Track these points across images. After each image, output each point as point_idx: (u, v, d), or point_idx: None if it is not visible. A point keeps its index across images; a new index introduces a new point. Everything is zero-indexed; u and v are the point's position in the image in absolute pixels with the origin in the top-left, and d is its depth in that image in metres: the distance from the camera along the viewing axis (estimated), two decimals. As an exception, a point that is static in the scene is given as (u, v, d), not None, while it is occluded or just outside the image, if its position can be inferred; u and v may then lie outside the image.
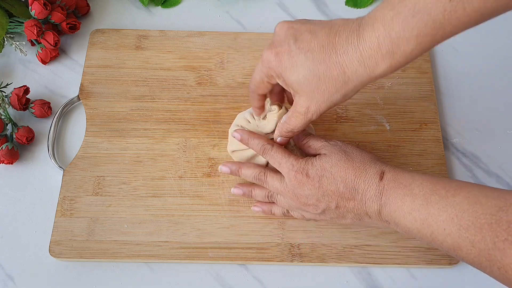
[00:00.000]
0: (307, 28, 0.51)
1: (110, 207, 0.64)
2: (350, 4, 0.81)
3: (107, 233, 0.63)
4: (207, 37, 0.77)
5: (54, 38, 0.73)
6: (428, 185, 0.49)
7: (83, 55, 0.75)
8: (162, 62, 0.75)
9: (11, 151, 0.67)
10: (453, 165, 0.69)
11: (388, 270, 0.62)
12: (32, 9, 0.72)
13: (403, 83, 0.73)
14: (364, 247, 0.62)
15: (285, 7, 0.81)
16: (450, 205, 0.47)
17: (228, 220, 0.64)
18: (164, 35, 0.77)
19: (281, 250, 0.62)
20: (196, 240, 0.62)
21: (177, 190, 0.65)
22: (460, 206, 0.46)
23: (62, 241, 0.62)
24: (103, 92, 0.72)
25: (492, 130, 0.71)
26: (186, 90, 0.72)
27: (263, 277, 0.62)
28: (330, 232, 0.63)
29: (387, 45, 0.47)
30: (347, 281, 0.62)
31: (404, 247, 0.62)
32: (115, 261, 0.62)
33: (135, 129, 0.69)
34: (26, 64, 0.76)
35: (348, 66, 0.49)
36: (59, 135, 0.70)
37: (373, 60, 0.48)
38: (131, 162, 0.67)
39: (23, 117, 0.72)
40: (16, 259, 0.63)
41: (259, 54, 0.75)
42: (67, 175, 0.66)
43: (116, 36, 0.76)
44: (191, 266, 0.62)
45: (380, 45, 0.47)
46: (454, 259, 0.62)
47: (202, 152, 0.68)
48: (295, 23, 0.53)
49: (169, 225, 0.63)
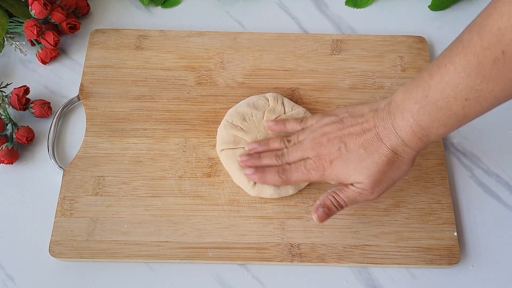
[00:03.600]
0: (349, 132, 0.57)
1: (110, 207, 0.64)
2: (350, 4, 0.81)
3: (107, 233, 0.63)
4: (207, 37, 0.77)
5: (54, 38, 0.73)
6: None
7: (83, 55, 0.75)
8: (162, 62, 0.75)
9: (11, 151, 0.67)
10: (453, 165, 0.69)
11: (388, 270, 0.62)
12: (32, 9, 0.72)
13: (403, 83, 0.73)
14: (364, 247, 0.62)
15: (285, 7, 0.81)
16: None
17: (228, 220, 0.64)
18: (164, 35, 0.77)
19: (281, 250, 0.62)
20: (196, 240, 0.62)
21: (177, 190, 0.65)
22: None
23: (62, 241, 0.62)
24: (103, 92, 0.72)
25: (492, 130, 0.71)
26: (186, 90, 0.72)
27: (263, 277, 0.62)
28: (330, 232, 0.63)
29: (420, 132, 0.53)
30: (347, 281, 0.62)
31: (404, 247, 0.62)
32: (115, 261, 0.62)
33: (135, 129, 0.69)
34: (26, 64, 0.76)
35: (397, 149, 0.55)
36: (59, 135, 0.70)
37: (413, 142, 0.54)
38: (131, 162, 0.67)
39: (23, 117, 0.72)
40: (16, 259, 0.63)
41: (259, 54, 0.75)
42: (67, 175, 0.66)
43: (116, 36, 0.76)
44: (191, 266, 0.62)
45: (414, 132, 0.53)
46: (454, 259, 0.62)
47: (202, 152, 0.68)
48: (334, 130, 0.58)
49: (169, 225, 0.63)
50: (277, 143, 0.64)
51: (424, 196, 0.66)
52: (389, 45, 0.76)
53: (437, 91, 0.50)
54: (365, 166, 0.56)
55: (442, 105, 0.50)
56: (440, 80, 0.50)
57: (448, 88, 0.49)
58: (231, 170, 0.65)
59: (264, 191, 0.64)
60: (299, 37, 0.77)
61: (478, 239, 0.64)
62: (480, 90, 0.48)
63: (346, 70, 0.74)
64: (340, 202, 0.58)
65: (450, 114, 0.51)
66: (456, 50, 0.49)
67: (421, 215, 0.64)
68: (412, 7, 0.81)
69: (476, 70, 0.47)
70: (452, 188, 0.67)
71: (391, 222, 0.64)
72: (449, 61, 0.49)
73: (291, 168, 0.60)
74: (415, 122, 0.53)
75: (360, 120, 0.57)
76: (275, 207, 0.65)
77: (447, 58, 0.50)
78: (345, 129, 0.58)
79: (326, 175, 0.58)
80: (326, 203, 0.58)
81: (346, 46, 0.76)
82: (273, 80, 0.73)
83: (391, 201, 0.65)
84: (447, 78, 0.49)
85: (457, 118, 0.51)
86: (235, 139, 0.66)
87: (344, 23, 0.80)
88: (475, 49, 0.47)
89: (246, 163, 0.63)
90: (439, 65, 0.50)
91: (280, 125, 0.66)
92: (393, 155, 0.55)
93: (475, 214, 0.66)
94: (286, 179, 0.61)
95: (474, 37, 0.47)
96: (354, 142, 0.56)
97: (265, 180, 0.62)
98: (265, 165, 0.62)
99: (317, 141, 0.59)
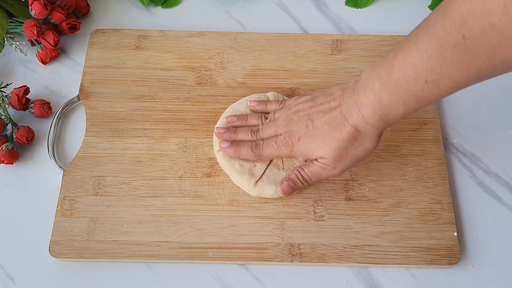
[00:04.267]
0: (317, 110, 0.59)
1: (110, 207, 0.64)
2: (350, 4, 0.81)
3: (107, 233, 0.63)
4: (207, 37, 0.77)
5: (54, 38, 0.73)
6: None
7: (83, 55, 0.75)
8: (162, 62, 0.75)
9: (11, 151, 0.67)
10: (453, 165, 0.69)
11: (388, 270, 0.62)
12: (32, 9, 0.72)
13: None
14: (364, 247, 0.62)
15: (285, 7, 0.81)
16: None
17: (228, 220, 0.64)
18: (164, 35, 0.77)
19: (281, 250, 0.62)
20: (196, 240, 0.62)
21: (177, 190, 0.65)
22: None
23: (62, 241, 0.62)
24: (103, 92, 0.72)
25: (492, 130, 0.71)
26: (186, 90, 0.72)
27: (263, 277, 0.62)
28: (330, 232, 0.63)
29: (380, 110, 0.54)
30: (347, 281, 0.62)
31: (404, 247, 0.62)
32: (115, 261, 0.62)
33: (135, 129, 0.69)
34: (26, 64, 0.76)
35: (359, 126, 0.57)
36: (59, 135, 0.70)
37: (374, 120, 0.56)
38: (131, 162, 0.67)
39: (23, 117, 0.72)
40: (16, 259, 0.63)
41: (259, 54, 0.75)
42: (67, 175, 0.66)
43: (116, 36, 0.76)
44: (191, 266, 0.62)
45: (375, 110, 0.55)
46: (454, 259, 0.62)
47: (202, 152, 0.68)
48: (305, 109, 0.61)
49: (169, 225, 0.63)
50: (255, 119, 0.66)
51: (424, 196, 0.66)
52: (389, 45, 0.76)
53: (399, 71, 0.51)
54: (327, 142, 0.58)
55: (402, 84, 0.51)
56: (402, 60, 0.51)
57: (409, 68, 0.50)
58: (230, 171, 0.65)
59: (265, 191, 0.64)
60: (299, 37, 0.77)
61: (478, 239, 0.64)
62: (440, 73, 0.48)
63: (346, 70, 0.74)
64: (304, 176, 0.62)
65: (409, 94, 0.51)
66: (421, 32, 0.49)
67: (421, 215, 0.64)
68: (412, 7, 0.81)
69: (437, 53, 0.47)
70: (452, 188, 0.67)
71: (391, 222, 0.64)
72: (413, 42, 0.50)
73: (263, 143, 0.63)
74: (376, 99, 0.54)
75: (329, 98, 0.60)
76: (275, 207, 0.65)
77: (412, 39, 0.50)
78: (315, 107, 0.60)
79: (294, 151, 0.61)
80: (291, 177, 0.62)
81: (346, 46, 0.76)
82: (273, 80, 0.73)
83: (391, 201, 0.65)
84: (409, 59, 0.50)
85: (416, 99, 0.52)
86: None
87: (344, 23, 0.80)
88: (438, 32, 0.47)
89: (222, 136, 0.66)
90: (404, 45, 0.51)
91: (262, 105, 0.68)
92: (354, 131, 0.57)
93: (475, 214, 0.66)
94: (258, 154, 0.63)
95: (438, 20, 0.47)
96: (320, 119, 0.59)
97: (239, 153, 0.64)
98: (240, 140, 0.65)
99: (289, 118, 0.62)
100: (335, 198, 0.65)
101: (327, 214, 0.64)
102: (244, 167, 0.64)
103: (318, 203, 0.65)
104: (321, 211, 0.64)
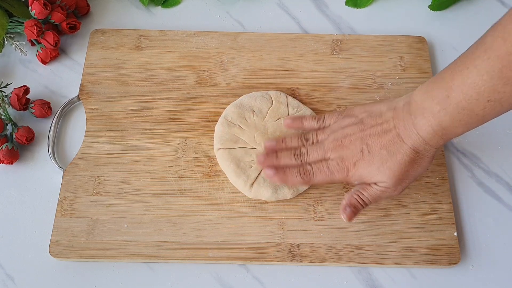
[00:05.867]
0: (370, 133, 0.58)
1: (110, 207, 0.64)
2: (350, 4, 0.81)
3: (107, 233, 0.63)
4: (207, 37, 0.77)
5: (54, 38, 0.73)
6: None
7: (83, 55, 0.75)
8: (162, 62, 0.75)
9: (11, 151, 0.67)
10: (453, 165, 0.69)
11: (388, 270, 0.62)
12: (32, 9, 0.72)
13: (403, 83, 0.73)
14: (364, 247, 0.62)
15: (285, 7, 0.81)
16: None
17: (228, 220, 0.64)
18: (164, 35, 0.77)
19: (281, 250, 0.62)
20: (196, 240, 0.62)
21: (177, 190, 0.65)
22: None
23: (62, 241, 0.62)
24: (103, 92, 0.72)
25: (492, 130, 0.71)
26: (186, 90, 0.72)
27: (263, 277, 0.62)
28: (330, 232, 0.63)
29: (441, 131, 0.54)
30: (347, 281, 0.62)
31: (404, 247, 0.62)
32: (115, 261, 0.62)
33: (135, 129, 0.69)
34: (26, 64, 0.76)
35: (418, 148, 0.56)
36: (59, 135, 0.70)
37: (433, 141, 0.55)
38: (131, 162, 0.67)
39: (23, 117, 0.72)
40: (16, 259, 0.63)
41: (259, 54, 0.75)
42: (67, 175, 0.66)
43: (116, 36, 0.76)
44: (191, 266, 0.62)
45: (435, 132, 0.54)
46: (454, 259, 0.62)
47: (202, 152, 0.68)
48: (356, 132, 0.59)
49: (169, 225, 0.63)
50: (295, 141, 0.63)
51: (424, 196, 0.66)
52: (389, 45, 0.76)
53: (459, 92, 0.51)
54: (388, 166, 0.57)
55: (464, 106, 0.51)
56: (462, 81, 0.51)
57: (470, 90, 0.50)
58: (227, 171, 0.65)
59: (261, 194, 0.64)
60: (299, 37, 0.77)
61: (478, 239, 0.64)
62: (503, 92, 0.49)
63: (346, 70, 0.74)
64: (364, 200, 0.59)
65: (471, 115, 0.52)
66: (478, 52, 0.49)
67: (421, 215, 0.64)
68: (412, 7, 0.81)
69: (500, 73, 0.48)
70: (452, 188, 0.67)
71: (391, 222, 0.64)
72: (471, 63, 0.50)
73: (313, 169, 0.60)
74: (436, 122, 0.53)
75: (379, 120, 0.58)
76: (275, 207, 0.65)
77: (469, 59, 0.50)
78: (366, 130, 0.58)
79: (349, 176, 0.59)
80: (352, 202, 0.59)
81: (346, 46, 0.76)
82: (273, 80, 0.73)
83: (391, 201, 0.65)
84: (469, 81, 0.50)
85: (477, 118, 0.52)
86: (233, 137, 0.66)
87: (344, 23, 0.80)
88: (499, 52, 0.47)
89: (265, 163, 0.62)
90: (460, 66, 0.51)
91: (297, 122, 0.65)
92: (414, 154, 0.56)
93: (475, 214, 0.66)
94: (308, 180, 0.60)
95: (497, 40, 0.47)
96: (376, 143, 0.57)
97: (286, 181, 0.60)
98: (283, 165, 0.61)
99: (339, 142, 0.59)
100: (335, 198, 0.65)
101: (327, 214, 0.64)
102: (241, 167, 0.64)
103: (318, 203, 0.65)
104: (321, 211, 0.64)
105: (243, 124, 0.67)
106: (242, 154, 0.65)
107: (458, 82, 0.51)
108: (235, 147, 0.66)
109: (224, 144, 0.66)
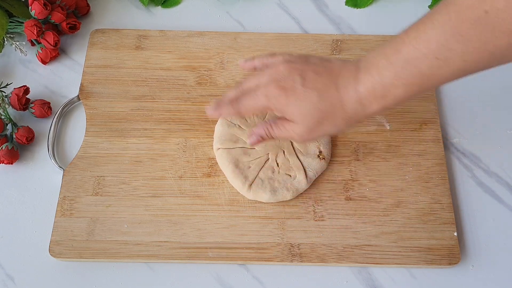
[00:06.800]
0: (312, 69, 0.55)
1: (110, 207, 0.64)
2: (350, 4, 0.81)
3: (107, 233, 0.63)
4: (207, 37, 0.77)
5: (54, 38, 0.73)
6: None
7: (83, 55, 0.75)
8: (162, 62, 0.75)
9: (11, 151, 0.67)
10: (453, 165, 0.69)
11: (388, 270, 0.62)
12: (32, 9, 0.72)
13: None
14: (364, 247, 0.62)
15: (285, 7, 0.82)
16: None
17: (228, 220, 0.64)
18: (164, 35, 0.77)
19: (281, 250, 0.62)
20: (196, 240, 0.62)
21: (177, 190, 0.65)
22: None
23: (62, 241, 0.62)
24: (103, 92, 0.72)
25: (492, 130, 0.71)
26: (186, 90, 0.72)
27: (263, 277, 0.62)
28: (330, 232, 0.63)
29: (380, 89, 0.52)
30: (347, 281, 0.62)
31: (404, 247, 0.62)
32: (115, 261, 0.62)
33: (135, 129, 0.69)
34: (26, 64, 0.76)
35: (348, 105, 0.54)
36: (59, 135, 0.70)
37: (368, 100, 0.53)
38: (131, 162, 0.67)
39: (23, 117, 0.72)
40: (16, 259, 0.63)
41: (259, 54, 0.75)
42: (67, 175, 0.66)
43: (116, 36, 0.76)
44: (191, 266, 0.62)
45: (375, 89, 0.52)
46: (454, 259, 0.62)
47: (202, 152, 0.68)
48: (298, 63, 0.56)
49: (169, 225, 0.63)
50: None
51: (424, 196, 0.66)
52: (389, 45, 0.76)
53: (411, 47, 0.49)
54: (308, 111, 0.54)
55: (410, 60, 0.49)
56: (415, 35, 0.49)
57: (421, 44, 0.48)
58: (226, 171, 0.65)
59: (259, 196, 0.64)
60: (299, 37, 0.77)
61: (478, 239, 0.64)
62: (453, 50, 0.47)
63: (346, 70, 0.74)
64: (273, 136, 0.58)
65: (414, 72, 0.50)
66: (438, 9, 0.48)
67: (421, 215, 0.64)
68: (412, 7, 0.81)
69: (454, 29, 0.46)
70: (452, 188, 0.67)
71: (391, 222, 0.64)
72: (428, 19, 0.49)
73: (243, 95, 0.57)
74: (378, 77, 0.51)
75: (326, 63, 0.56)
76: (275, 207, 0.65)
77: (428, 15, 0.49)
78: (309, 65, 0.56)
79: (271, 103, 0.56)
80: (260, 133, 0.59)
81: (346, 46, 0.76)
82: (273, 80, 0.73)
83: (391, 201, 0.65)
84: (422, 35, 0.48)
85: (420, 79, 0.50)
86: (233, 137, 0.66)
87: (344, 23, 0.80)
88: (458, 6, 0.46)
89: (213, 108, 0.60)
90: (417, 23, 0.50)
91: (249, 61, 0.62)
92: (339, 108, 0.54)
93: (475, 214, 0.66)
94: (237, 106, 0.57)
95: None
96: (312, 80, 0.54)
97: (220, 111, 0.58)
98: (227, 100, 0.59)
99: (275, 68, 0.56)
100: (335, 198, 0.65)
101: (327, 214, 0.64)
102: (239, 168, 0.64)
103: (318, 203, 0.65)
104: (321, 211, 0.64)
105: (243, 124, 0.67)
106: (241, 154, 0.65)
107: (411, 36, 0.49)
108: (235, 147, 0.66)
109: (223, 144, 0.66)
